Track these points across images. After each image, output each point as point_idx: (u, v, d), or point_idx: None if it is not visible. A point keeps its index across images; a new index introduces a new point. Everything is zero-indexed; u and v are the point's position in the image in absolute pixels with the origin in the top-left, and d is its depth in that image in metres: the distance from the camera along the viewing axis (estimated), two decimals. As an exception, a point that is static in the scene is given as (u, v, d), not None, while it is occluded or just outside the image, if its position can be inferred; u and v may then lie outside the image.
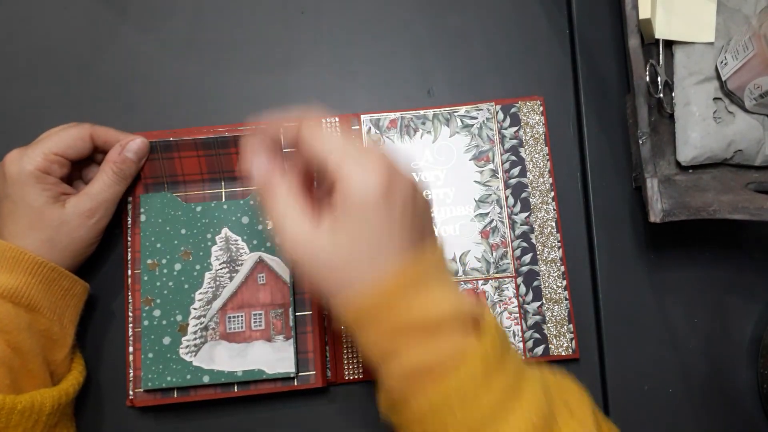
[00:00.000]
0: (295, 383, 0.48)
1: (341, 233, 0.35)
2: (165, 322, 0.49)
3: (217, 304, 0.49)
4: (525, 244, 0.52)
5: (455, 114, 0.53)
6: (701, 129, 0.50)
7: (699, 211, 0.46)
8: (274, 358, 0.48)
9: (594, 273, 0.52)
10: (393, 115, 0.54)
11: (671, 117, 0.52)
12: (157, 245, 0.49)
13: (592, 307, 0.52)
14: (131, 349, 0.49)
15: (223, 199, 0.51)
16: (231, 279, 0.49)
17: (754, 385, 0.51)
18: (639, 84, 0.48)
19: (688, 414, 0.50)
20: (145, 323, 0.49)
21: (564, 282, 0.51)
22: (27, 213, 0.45)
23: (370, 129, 0.53)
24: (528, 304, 0.51)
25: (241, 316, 0.49)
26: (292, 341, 0.48)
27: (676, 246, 0.52)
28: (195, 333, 0.49)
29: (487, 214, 0.52)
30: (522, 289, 0.51)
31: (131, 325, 0.49)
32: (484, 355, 0.34)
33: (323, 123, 0.36)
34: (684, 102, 0.51)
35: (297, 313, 0.49)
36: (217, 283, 0.49)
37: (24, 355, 0.43)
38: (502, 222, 0.52)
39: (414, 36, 0.56)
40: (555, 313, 0.51)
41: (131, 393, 0.49)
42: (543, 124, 0.53)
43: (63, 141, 0.47)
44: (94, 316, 0.51)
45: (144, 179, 0.51)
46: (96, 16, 0.56)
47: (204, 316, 0.49)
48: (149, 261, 0.49)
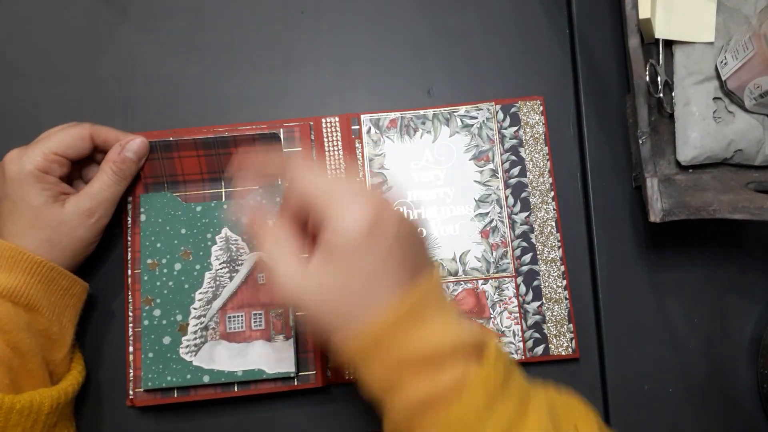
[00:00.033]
0: (295, 383, 0.48)
1: (329, 276, 0.36)
2: (165, 321, 0.49)
3: (217, 303, 0.49)
4: (525, 243, 0.52)
5: (455, 114, 0.53)
6: (701, 129, 0.50)
7: (699, 211, 0.46)
8: (274, 357, 0.48)
9: (594, 273, 0.52)
10: (393, 115, 0.54)
11: (671, 117, 0.52)
12: (157, 245, 0.49)
13: (592, 307, 0.52)
14: (131, 349, 0.49)
15: (223, 199, 0.51)
16: (231, 279, 0.49)
17: (754, 385, 0.51)
18: (639, 84, 0.48)
19: (688, 414, 0.50)
20: (145, 323, 0.49)
21: (564, 282, 0.51)
22: (26, 212, 0.45)
23: (370, 129, 0.53)
24: (528, 303, 0.51)
25: (241, 315, 0.49)
26: (292, 341, 0.48)
27: (676, 246, 0.52)
28: (195, 333, 0.49)
29: (487, 213, 0.52)
30: (522, 289, 0.51)
31: (131, 325, 0.49)
32: (485, 383, 0.34)
33: (311, 162, 0.37)
34: (684, 102, 0.51)
35: (297, 313, 0.49)
36: (217, 283, 0.49)
37: (23, 355, 0.43)
38: (502, 222, 0.52)
39: (414, 36, 0.56)
40: (555, 313, 0.51)
41: (131, 393, 0.49)
42: (543, 123, 0.53)
43: (63, 141, 0.47)
44: (94, 315, 0.51)
45: (144, 179, 0.51)
46: (96, 16, 0.56)
47: (204, 315, 0.49)
48: (149, 261, 0.49)
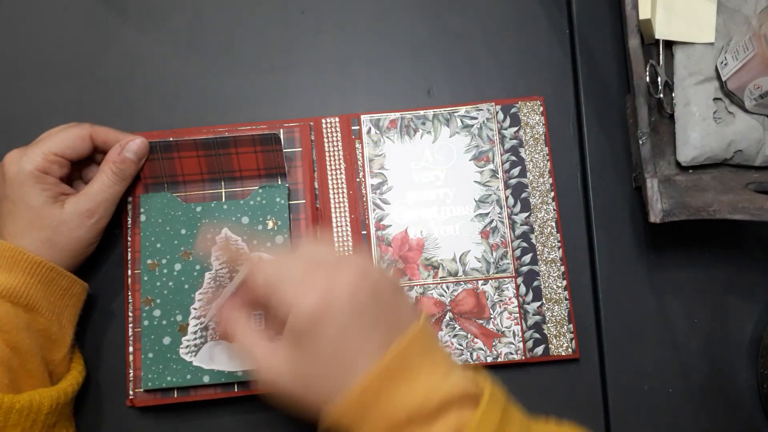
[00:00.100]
0: (295, 383, 0.48)
1: (300, 360, 0.37)
2: (165, 322, 0.49)
3: (218, 303, 0.49)
4: (525, 244, 0.52)
5: (455, 114, 0.53)
6: (701, 129, 0.50)
7: (699, 211, 0.46)
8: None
9: (594, 273, 0.52)
10: (393, 115, 0.54)
11: (671, 117, 0.52)
12: (157, 245, 0.49)
13: (592, 307, 0.52)
14: (131, 349, 0.49)
15: (223, 199, 0.51)
16: (231, 279, 0.49)
17: (754, 385, 0.51)
18: (639, 84, 0.48)
19: (688, 414, 0.50)
20: (145, 323, 0.49)
21: (564, 282, 0.51)
22: (26, 213, 0.45)
23: (370, 129, 0.53)
24: (528, 304, 0.51)
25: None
26: (292, 341, 0.48)
27: (676, 246, 0.52)
28: (195, 333, 0.49)
29: (487, 214, 0.52)
30: (522, 289, 0.51)
31: (131, 325, 0.49)
32: (481, 429, 0.34)
33: (275, 264, 0.40)
34: (684, 102, 0.51)
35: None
36: (217, 283, 0.49)
37: (23, 355, 0.43)
38: (502, 222, 0.52)
39: (414, 36, 0.56)
40: (555, 313, 0.51)
41: (131, 393, 0.49)
42: (543, 124, 0.53)
43: (62, 141, 0.47)
44: (94, 316, 0.51)
45: (144, 179, 0.51)
46: (96, 16, 0.56)
47: (204, 316, 0.49)
48: (149, 261, 0.49)
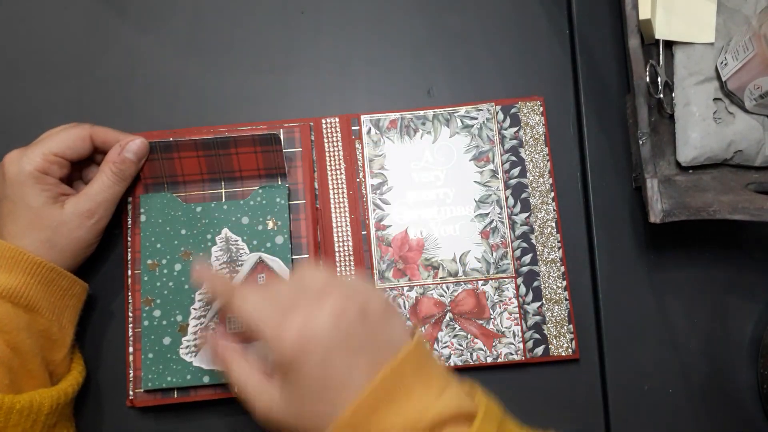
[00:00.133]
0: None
1: (292, 393, 0.37)
2: (165, 322, 0.49)
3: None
4: (525, 244, 0.52)
5: (455, 114, 0.53)
6: (701, 129, 0.50)
7: (699, 212, 0.46)
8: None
9: (594, 273, 0.52)
10: (393, 116, 0.54)
11: (671, 117, 0.52)
12: (157, 245, 0.49)
13: (592, 307, 0.52)
14: (131, 350, 0.49)
15: (223, 200, 0.51)
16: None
17: (754, 385, 0.51)
18: (639, 84, 0.48)
19: (688, 414, 0.50)
20: (146, 323, 0.49)
21: (564, 282, 0.51)
22: (26, 213, 0.45)
23: (370, 129, 0.53)
24: (528, 304, 0.51)
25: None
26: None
27: (676, 246, 0.52)
28: (195, 333, 0.49)
29: (487, 214, 0.52)
30: (522, 290, 0.51)
31: (131, 326, 0.49)
32: None
33: (253, 290, 0.40)
34: (684, 102, 0.51)
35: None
36: (217, 284, 0.49)
37: (23, 355, 0.43)
38: (502, 222, 0.52)
39: (414, 36, 0.56)
40: (555, 314, 0.51)
41: (131, 393, 0.49)
42: (543, 124, 0.53)
43: (62, 141, 0.47)
44: (94, 316, 0.51)
45: (144, 179, 0.51)
46: (96, 16, 0.56)
47: (204, 316, 0.49)
48: (149, 261, 0.49)
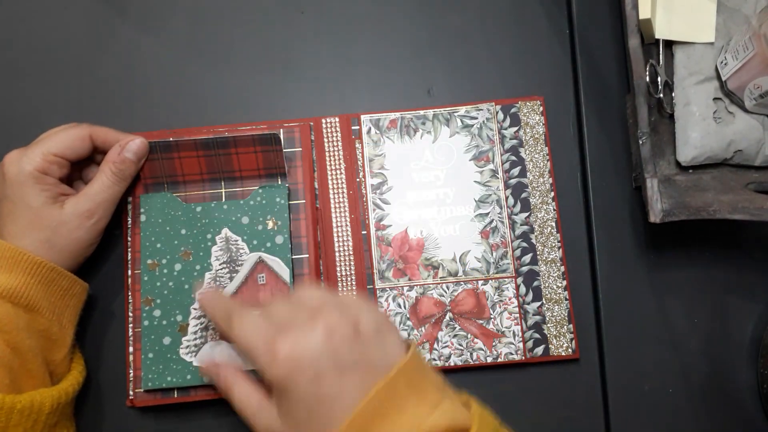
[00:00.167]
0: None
1: (289, 413, 0.38)
2: (165, 322, 0.49)
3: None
4: (525, 244, 0.52)
5: (455, 114, 0.53)
6: (701, 129, 0.50)
7: (699, 211, 0.46)
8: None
9: (594, 273, 0.52)
10: (393, 115, 0.54)
11: (671, 117, 0.52)
12: (157, 245, 0.49)
13: (592, 307, 0.52)
14: (131, 349, 0.49)
15: (223, 199, 0.51)
16: (231, 279, 0.49)
17: (754, 385, 0.51)
18: (639, 84, 0.48)
19: (688, 414, 0.50)
20: (146, 323, 0.49)
21: (564, 282, 0.51)
22: (26, 213, 0.45)
23: (370, 129, 0.53)
24: (528, 304, 0.51)
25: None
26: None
27: (676, 246, 0.52)
28: (195, 333, 0.49)
29: (487, 214, 0.52)
30: (522, 290, 0.51)
31: (131, 325, 0.49)
32: None
33: (250, 315, 0.41)
34: (684, 102, 0.51)
35: None
36: (218, 284, 0.49)
37: (23, 355, 0.43)
38: (502, 222, 0.52)
39: (414, 36, 0.56)
40: (555, 313, 0.51)
41: (131, 393, 0.49)
42: (543, 124, 0.53)
43: (62, 142, 0.47)
44: (94, 316, 0.51)
45: (143, 179, 0.51)
46: (96, 16, 0.56)
47: (204, 316, 0.49)
48: (149, 261, 0.49)
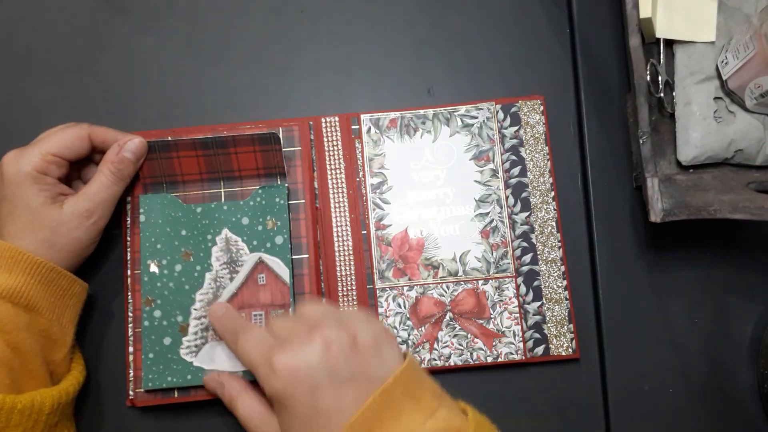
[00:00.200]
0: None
1: (290, 425, 0.40)
2: (165, 322, 0.49)
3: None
4: (525, 244, 0.52)
5: (455, 113, 0.53)
6: (702, 128, 0.50)
7: (699, 211, 0.46)
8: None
9: (594, 273, 0.52)
10: (393, 115, 0.53)
11: (672, 116, 0.52)
12: (157, 246, 0.49)
13: (592, 307, 0.52)
14: (131, 350, 0.49)
15: (222, 199, 0.51)
16: (231, 279, 0.49)
17: (754, 385, 0.51)
18: (640, 83, 0.48)
19: (688, 414, 0.50)
20: (146, 324, 0.49)
21: (564, 282, 0.51)
22: (25, 213, 0.45)
23: (370, 129, 0.53)
24: (528, 304, 0.51)
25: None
26: (291, 341, 0.48)
27: (676, 246, 0.52)
28: (195, 333, 0.49)
29: (488, 213, 0.52)
30: (522, 289, 0.51)
31: (131, 326, 0.49)
32: None
33: (255, 331, 0.44)
34: (685, 101, 0.51)
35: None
36: (218, 284, 0.49)
37: (23, 355, 0.43)
38: (502, 222, 0.52)
39: (414, 36, 0.56)
40: (555, 313, 0.51)
41: (131, 393, 0.49)
42: (543, 123, 0.53)
43: (61, 141, 0.46)
44: (94, 316, 0.51)
45: (142, 179, 0.50)
46: (96, 16, 0.56)
47: (205, 316, 0.49)
48: (149, 262, 0.49)
